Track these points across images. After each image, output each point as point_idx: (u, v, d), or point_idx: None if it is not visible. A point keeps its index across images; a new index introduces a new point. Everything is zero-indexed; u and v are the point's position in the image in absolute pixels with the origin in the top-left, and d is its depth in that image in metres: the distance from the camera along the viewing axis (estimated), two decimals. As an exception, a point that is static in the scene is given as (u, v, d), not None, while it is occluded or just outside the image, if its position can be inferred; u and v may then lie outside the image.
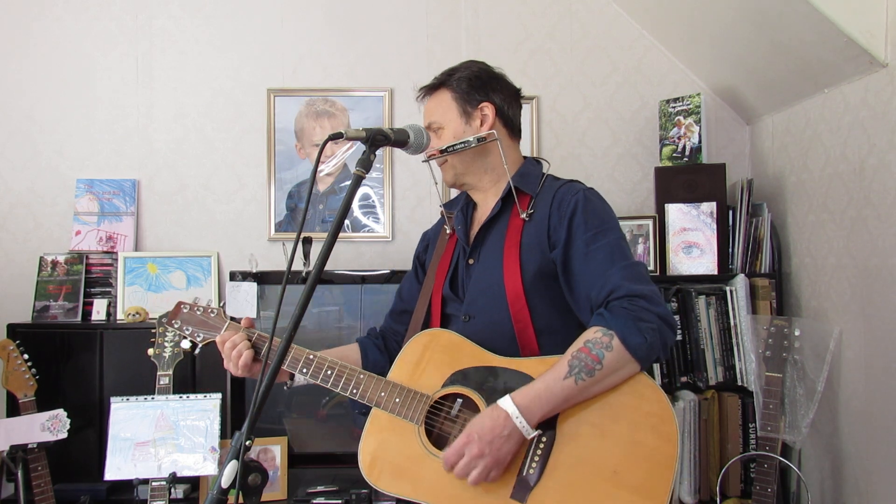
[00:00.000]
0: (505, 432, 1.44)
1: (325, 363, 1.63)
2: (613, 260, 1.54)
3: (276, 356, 1.30)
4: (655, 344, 1.46)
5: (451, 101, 1.75)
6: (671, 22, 2.92)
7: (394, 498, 1.59)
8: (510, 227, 1.67)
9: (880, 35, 2.04)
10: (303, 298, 1.31)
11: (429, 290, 1.78)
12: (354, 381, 1.60)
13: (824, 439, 2.44)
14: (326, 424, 2.76)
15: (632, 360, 1.46)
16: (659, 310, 1.48)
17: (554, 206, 1.64)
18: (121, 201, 3.00)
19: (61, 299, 2.85)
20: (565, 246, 1.59)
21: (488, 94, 1.75)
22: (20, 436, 2.35)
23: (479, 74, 1.78)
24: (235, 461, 1.20)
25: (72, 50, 3.05)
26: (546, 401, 1.45)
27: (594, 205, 1.63)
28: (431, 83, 1.80)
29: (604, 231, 1.58)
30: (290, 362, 1.64)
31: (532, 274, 1.61)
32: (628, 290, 1.49)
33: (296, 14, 3.07)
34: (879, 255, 2.12)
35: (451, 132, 1.72)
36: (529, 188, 1.70)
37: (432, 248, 1.87)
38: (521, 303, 1.60)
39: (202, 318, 1.73)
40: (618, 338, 1.45)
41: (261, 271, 2.78)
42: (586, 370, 1.44)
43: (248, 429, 1.21)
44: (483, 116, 1.73)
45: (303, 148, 3.05)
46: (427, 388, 1.58)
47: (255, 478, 1.24)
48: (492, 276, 1.65)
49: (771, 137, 2.83)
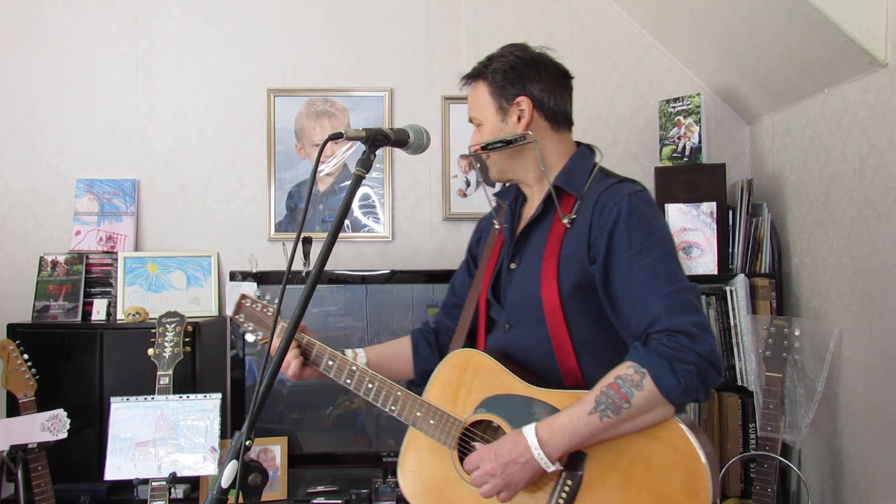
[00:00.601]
0: (521, 459, 1.43)
1: (366, 377, 1.63)
2: (656, 284, 1.42)
3: (275, 356, 1.30)
4: (691, 387, 1.36)
5: (487, 95, 1.63)
6: (671, 22, 2.92)
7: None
8: (551, 234, 1.58)
9: (880, 35, 2.04)
10: (303, 298, 1.31)
11: (477, 290, 1.73)
12: (392, 398, 1.61)
13: (824, 439, 2.44)
14: (331, 432, 2.76)
15: (664, 402, 1.37)
16: (701, 348, 1.37)
17: (595, 213, 1.51)
18: (121, 201, 3.00)
19: (61, 299, 2.85)
20: (605, 262, 1.48)
21: (525, 87, 1.61)
22: (20, 436, 2.35)
23: (515, 64, 1.62)
24: (235, 461, 1.20)
25: (72, 50, 3.05)
26: (569, 435, 1.41)
27: (639, 214, 1.48)
28: (469, 73, 1.68)
29: (648, 247, 1.45)
30: (336, 372, 1.65)
31: (570, 288, 1.52)
32: (668, 324, 1.39)
33: (296, 14, 3.07)
34: (879, 255, 2.12)
35: (489, 129, 1.63)
36: (574, 188, 1.58)
37: (484, 241, 1.79)
38: (559, 318, 1.52)
39: (259, 315, 1.75)
40: (650, 377, 1.37)
41: (261, 271, 2.78)
42: (613, 407, 1.38)
43: (248, 429, 1.21)
44: (520, 112, 1.61)
45: (303, 148, 3.05)
46: (460, 412, 1.57)
47: (255, 478, 1.24)
48: (530, 286, 1.57)
49: (771, 137, 2.83)
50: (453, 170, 3.05)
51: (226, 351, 2.90)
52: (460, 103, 3.05)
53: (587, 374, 1.51)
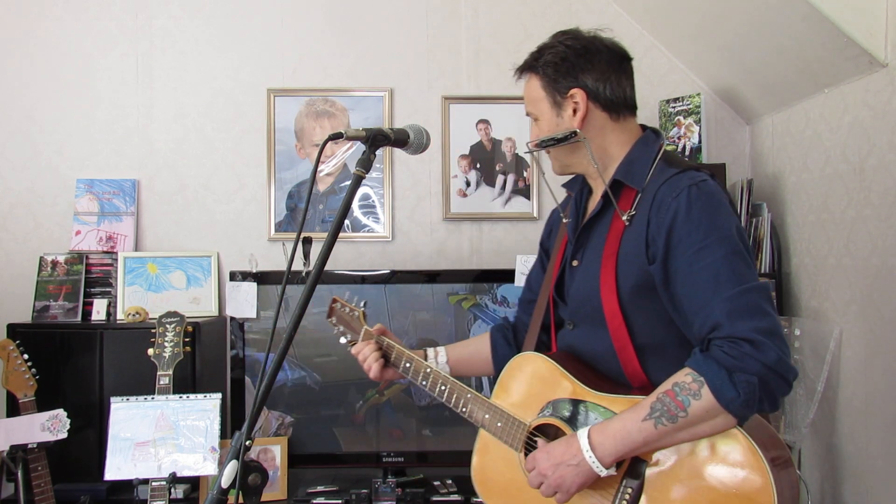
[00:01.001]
0: (573, 462, 1.40)
1: (439, 380, 1.69)
2: (717, 286, 1.33)
3: (275, 356, 1.30)
4: (753, 399, 1.28)
5: (540, 89, 1.56)
6: (671, 22, 2.92)
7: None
8: (611, 231, 1.50)
9: (880, 35, 2.04)
10: (303, 298, 1.31)
11: (548, 286, 1.68)
12: (463, 400, 1.65)
13: (824, 439, 2.44)
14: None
15: (724, 413, 1.30)
16: (766, 357, 1.27)
17: (653, 209, 1.42)
18: (121, 201, 3.00)
19: (61, 299, 2.85)
20: (664, 262, 1.39)
21: (577, 78, 1.53)
22: (20, 436, 2.35)
23: (566, 55, 1.54)
24: (235, 461, 1.21)
25: (72, 50, 3.05)
26: (621, 440, 1.37)
27: (699, 209, 1.38)
28: (521, 66, 1.61)
29: (708, 246, 1.35)
30: (412, 374, 1.72)
31: (629, 289, 1.45)
32: (731, 330, 1.30)
33: (296, 14, 3.07)
34: (879, 255, 2.12)
35: (546, 124, 1.56)
36: (635, 181, 1.49)
37: (555, 234, 1.73)
38: (619, 320, 1.46)
39: (347, 318, 1.84)
40: (707, 387, 1.30)
41: (261, 271, 2.78)
42: (668, 415, 1.32)
43: (248, 429, 1.21)
44: (574, 105, 1.53)
45: (303, 148, 3.05)
46: (525, 415, 1.57)
47: (255, 478, 1.24)
48: (590, 286, 1.52)
49: (771, 137, 2.83)
50: (453, 170, 3.05)
51: (226, 351, 2.90)
52: (460, 103, 3.05)
53: (652, 376, 1.46)
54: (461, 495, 2.61)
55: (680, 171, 1.45)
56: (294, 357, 2.75)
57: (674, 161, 1.51)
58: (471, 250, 3.07)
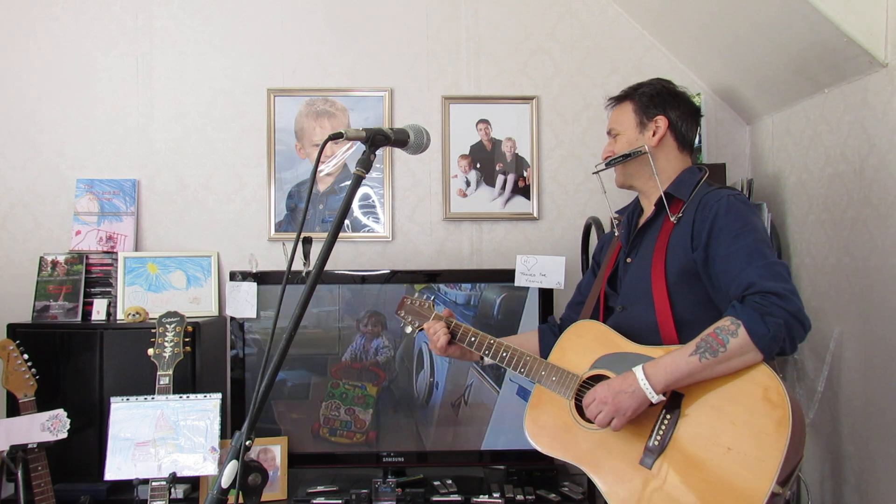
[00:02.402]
0: (630, 390, 1.67)
1: (502, 347, 1.96)
2: (752, 259, 1.67)
3: (275, 356, 1.30)
4: (779, 336, 1.58)
5: (631, 112, 1.93)
6: (671, 22, 2.92)
7: (547, 457, 1.87)
8: (662, 230, 1.86)
9: (880, 35, 2.04)
10: (303, 298, 1.32)
11: (599, 285, 2.03)
12: (522, 361, 1.93)
13: (824, 439, 2.44)
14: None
15: (754, 349, 1.59)
16: (790, 306, 1.59)
17: (700, 210, 1.78)
18: (121, 201, 3.00)
19: (61, 299, 2.85)
20: (706, 247, 1.73)
21: (665, 109, 1.91)
22: (20, 436, 2.35)
23: (661, 91, 1.94)
24: (235, 461, 1.21)
25: (72, 50, 3.05)
26: (671, 371, 1.64)
27: (737, 209, 1.74)
28: (618, 95, 1.99)
29: (744, 233, 1.70)
30: (476, 346, 1.99)
31: (675, 272, 1.78)
32: (762, 286, 1.61)
33: (296, 14, 3.07)
34: (879, 255, 2.12)
35: (626, 139, 1.92)
36: (682, 194, 1.86)
37: (606, 250, 2.10)
38: (664, 298, 1.78)
39: (417, 309, 2.10)
40: (744, 327, 1.59)
41: (261, 271, 2.78)
42: (711, 350, 1.61)
43: (248, 429, 1.21)
44: (656, 128, 1.90)
45: (303, 148, 3.05)
46: (577, 370, 1.85)
47: (255, 478, 1.24)
48: (643, 273, 1.85)
49: (771, 137, 2.83)
50: (453, 170, 3.05)
51: (226, 351, 2.90)
52: (460, 103, 3.05)
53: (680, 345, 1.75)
54: (461, 495, 2.61)
55: (721, 188, 1.85)
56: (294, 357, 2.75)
57: (714, 183, 1.90)
58: (471, 250, 3.07)
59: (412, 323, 2.12)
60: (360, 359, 2.76)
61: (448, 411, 2.75)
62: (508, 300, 2.75)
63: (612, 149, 1.96)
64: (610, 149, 1.97)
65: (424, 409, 2.76)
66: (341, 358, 2.76)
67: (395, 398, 2.76)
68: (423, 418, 2.76)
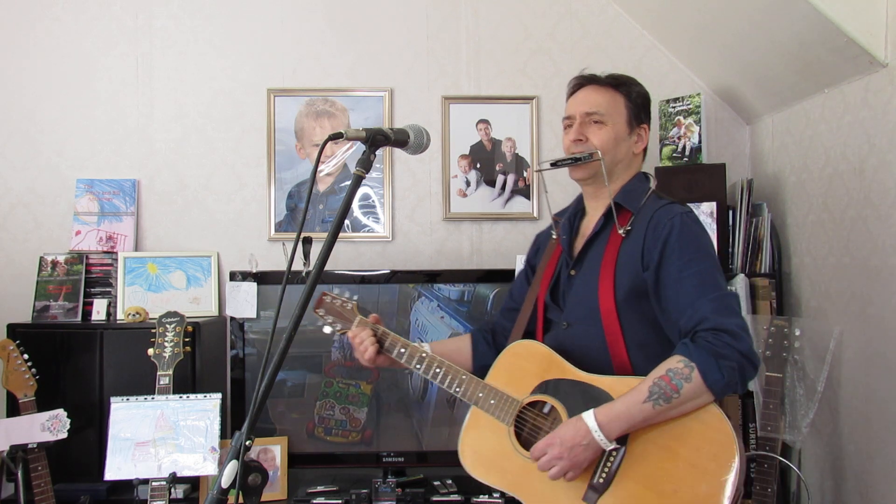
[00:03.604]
0: (584, 442, 1.59)
1: (435, 362, 1.82)
2: (704, 289, 1.61)
3: (275, 357, 1.30)
4: (733, 381, 1.54)
5: (623, 106, 1.81)
6: (671, 22, 2.92)
7: (484, 484, 1.76)
8: (609, 243, 1.76)
9: (880, 35, 2.04)
10: (303, 298, 1.32)
11: (534, 294, 1.90)
12: (458, 380, 1.79)
13: (824, 439, 2.44)
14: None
15: (707, 392, 1.55)
16: (742, 346, 1.55)
17: (650, 227, 1.70)
18: (121, 201, 3.00)
19: (61, 299, 2.85)
20: (657, 269, 1.66)
21: (647, 119, 1.86)
22: (20, 436, 2.35)
23: (647, 97, 1.87)
24: (235, 461, 1.21)
25: (72, 50, 3.05)
26: (625, 420, 1.58)
27: (689, 230, 1.68)
28: (608, 80, 1.84)
29: (697, 259, 1.64)
30: (407, 358, 1.83)
31: (625, 291, 1.70)
32: (715, 323, 1.56)
33: (296, 14, 3.07)
34: (879, 255, 2.12)
35: (614, 133, 1.79)
36: (631, 205, 1.77)
37: (542, 252, 1.97)
38: (613, 317, 1.70)
39: (339, 309, 1.94)
40: (698, 371, 1.54)
41: (261, 271, 2.78)
42: (664, 397, 1.55)
43: (248, 429, 1.21)
44: (639, 136, 1.84)
45: (303, 148, 3.05)
46: (518, 394, 1.74)
47: (255, 478, 1.24)
48: (590, 289, 1.75)
49: (771, 137, 2.83)
50: (453, 170, 3.05)
51: (226, 351, 2.90)
52: (460, 103, 3.05)
53: (636, 366, 1.68)
54: (461, 495, 2.61)
55: (671, 202, 1.76)
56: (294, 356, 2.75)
57: (662, 196, 1.81)
58: (471, 250, 3.07)
59: (333, 324, 1.94)
60: (353, 357, 2.75)
61: (443, 408, 2.75)
62: (501, 295, 2.74)
63: (597, 137, 1.78)
64: (594, 136, 1.78)
65: (420, 405, 2.76)
66: (331, 357, 2.75)
67: (389, 396, 2.76)
68: (419, 415, 2.76)
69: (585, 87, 1.84)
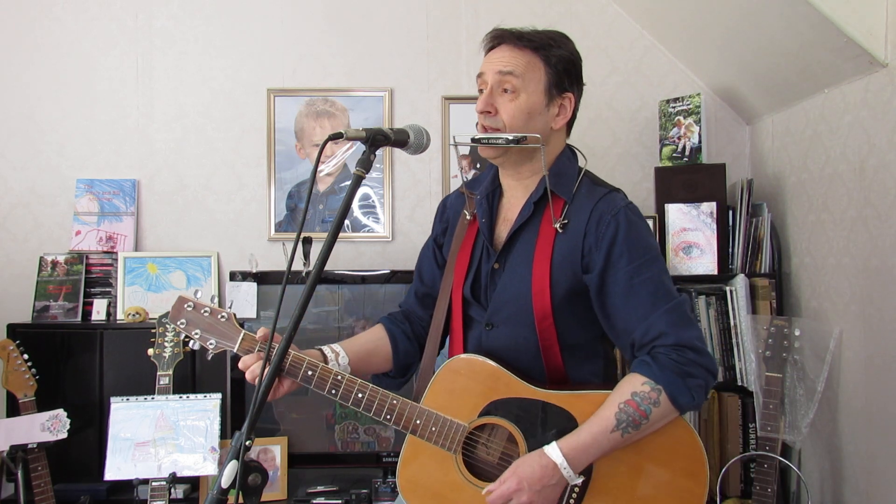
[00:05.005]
0: (553, 481, 1.46)
1: (356, 385, 1.53)
2: (657, 299, 1.49)
3: (275, 356, 1.30)
4: (700, 400, 1.48)
5: (542, 73, 1.57)
6: (671, 22, 2.92)
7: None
8: (541, 236, 1.57)
9: (880, 35, 2.04)
10: (303, 298, 1.31)
11: (448, 284, 1.68)
12: (387, 407, 1.53)
13: (824, 439, 2.44)
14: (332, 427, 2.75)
15: (675, 412, 1.48)
16: (705, 361, 1.48)
17: (591, 223, 1.53)
18: (121, 201, 3.00)
19: (61, 299, 2.85)
20: (603, 273, 1.51)
21: (573, 85, 1.60)
22: (20, 436, 2.35)
23: (574, 61, 1.61)
24: (235, 461, 1.20)
25: (72, 50, 3.05)
26: (593, 452, 1.47)
27: (637, 230, 1.53)
28: (524, 39, 1.59)
29: (647, 263, 1.50)
30: (317, 382, 1.52)
31: (562, 294, 1.54)
32: (676, 338, 1.46)
33: (296, 14, 3.07)
34: (879, 255, 2.12)
35: (528, 104, 1.55)
36: (564, 192, 1.58)
37: (451, 231, 1.74)
38: (549, 322, 1.55)
39: (210, 321, 1.59)
40: (665, 394, 1.45)
41: (261, 271, 2.78)
42: (633, 424, 1.46)
43: (248, 429, 1.21)
44: (561, 107, 1.60)
45: (303, 148, 3.05)
46: (463, 417, 1.54)
47: (255, 478, 1.24)
48: (519, 289, 1.57)
49: (771, 137, 2.83)
50: (453, 170, 3.05)
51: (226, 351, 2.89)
52: (460, 103, 3.05)
53: (570, 370, 1.58)
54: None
55: (609, 191, 1.60)
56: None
57: (597, 180, 1.64)
58: (471, 250, 3.06)
59: (203, 340, 1.58)
60: None
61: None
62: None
63: (506, 111, 1.54)
64: (505, 107, 1.54)
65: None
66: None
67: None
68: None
69: (502, 45, 1.60)
